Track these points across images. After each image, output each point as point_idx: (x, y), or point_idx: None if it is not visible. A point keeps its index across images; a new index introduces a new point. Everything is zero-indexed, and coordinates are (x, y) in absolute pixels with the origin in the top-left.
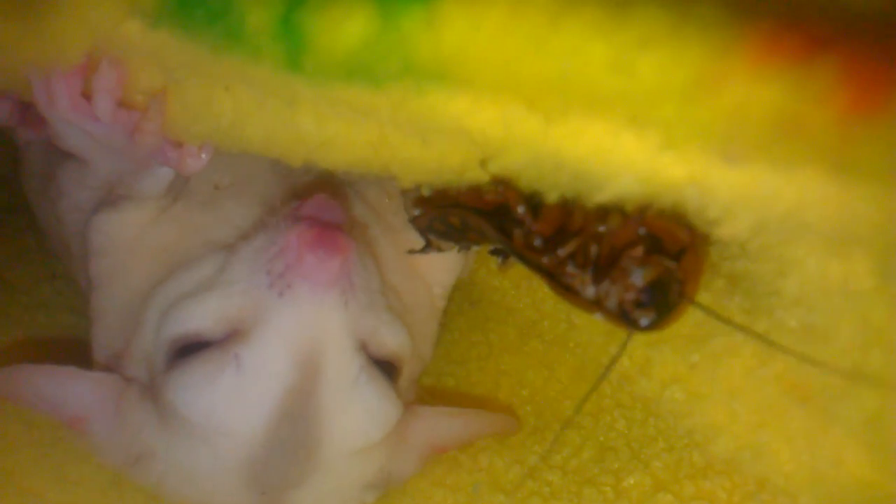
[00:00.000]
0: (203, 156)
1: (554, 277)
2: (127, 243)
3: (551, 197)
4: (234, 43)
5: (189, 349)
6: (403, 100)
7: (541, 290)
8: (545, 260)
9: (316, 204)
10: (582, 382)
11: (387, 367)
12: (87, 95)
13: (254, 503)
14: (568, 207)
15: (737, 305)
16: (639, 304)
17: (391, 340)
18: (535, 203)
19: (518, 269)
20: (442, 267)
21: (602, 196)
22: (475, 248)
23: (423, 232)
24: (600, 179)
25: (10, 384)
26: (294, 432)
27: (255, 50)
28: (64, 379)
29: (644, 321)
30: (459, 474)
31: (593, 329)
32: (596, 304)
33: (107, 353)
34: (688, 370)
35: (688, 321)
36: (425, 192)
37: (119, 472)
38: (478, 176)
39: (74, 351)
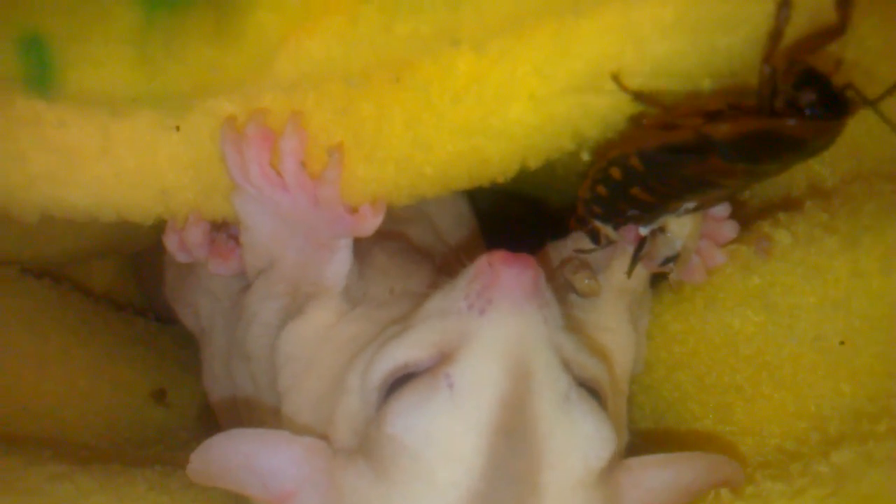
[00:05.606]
0: (377, 218)
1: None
2: (313, 345)
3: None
4: None
5: (400, 382)
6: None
7: None
8: (723, 126)
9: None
10: None
11: (592, 394)
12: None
13: None
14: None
15: None
16: (800, 88)
17: (591, 365)
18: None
19: None
20: (618, 347)
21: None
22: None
23: (585, 220)
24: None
25: (219, 454)
26: (513, 453)
27: None
28: (276, 444)
29: (809, 97)
30: None
31: None
32: (788, 113)
33: None
34: None
35: None
36: (585, 157)
37: None
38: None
39: None
